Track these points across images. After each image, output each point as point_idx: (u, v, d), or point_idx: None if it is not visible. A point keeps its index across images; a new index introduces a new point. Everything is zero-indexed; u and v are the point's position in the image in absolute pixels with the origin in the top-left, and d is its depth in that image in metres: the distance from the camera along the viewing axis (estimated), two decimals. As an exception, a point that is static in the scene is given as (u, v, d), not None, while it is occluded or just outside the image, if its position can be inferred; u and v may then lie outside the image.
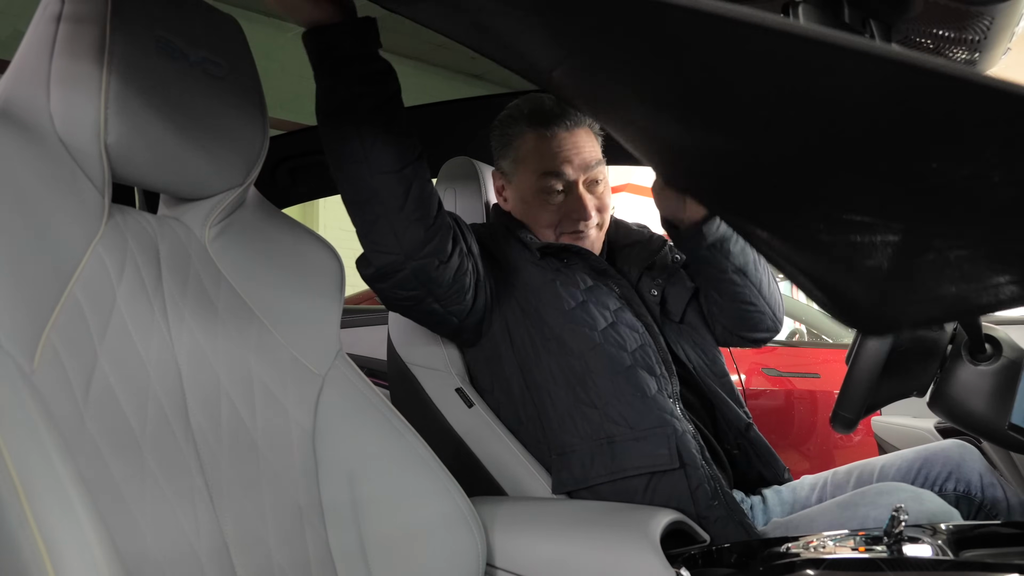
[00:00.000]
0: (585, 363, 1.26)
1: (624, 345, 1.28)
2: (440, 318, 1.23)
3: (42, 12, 0.82)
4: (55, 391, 0.68)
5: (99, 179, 0.80)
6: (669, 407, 1.24)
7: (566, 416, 1.25)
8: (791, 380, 2.80)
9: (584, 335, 1.27)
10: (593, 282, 1.35)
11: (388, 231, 1.08)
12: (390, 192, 1.07)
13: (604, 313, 1.31)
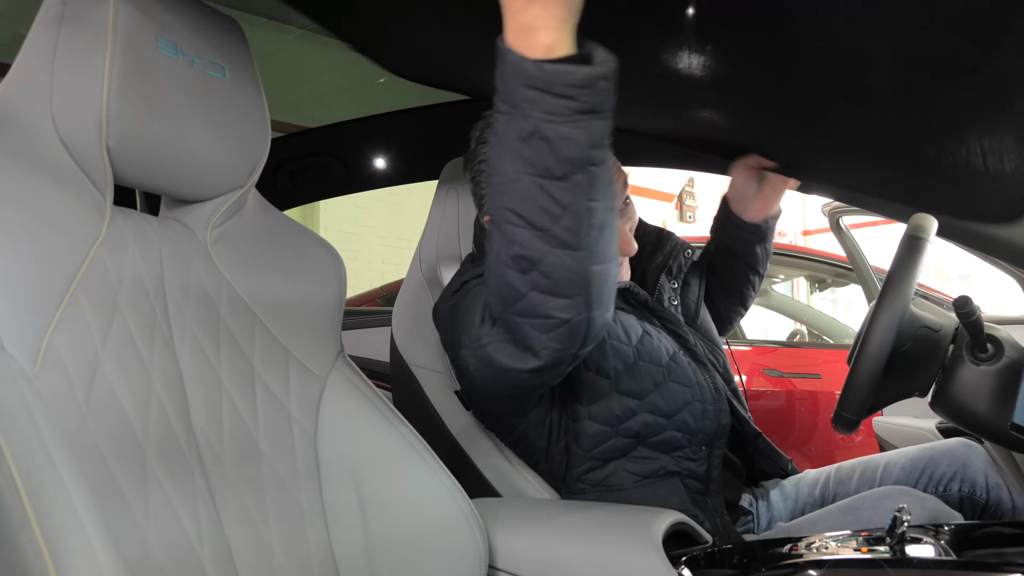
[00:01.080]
0: (616, 431, 1.20)
1: (668, 410, 1.21)
2: (533, 395, 1.13)
3: (44, 15, 0.82)
4: (57, 393, 0.68)
5: (101, 181, 0.80)
6: (685, 463, 1.22)
7: (578, 467, 1.23)
8: (792, 381, 2.80)
9: (629, 404, 1.20)
10: (642, 329, 1.27)
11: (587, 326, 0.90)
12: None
13: (656, 372, 1.22)
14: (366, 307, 3.36)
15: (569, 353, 0.93)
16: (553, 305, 0.86)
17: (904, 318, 1.09)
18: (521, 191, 0.78)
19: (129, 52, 0.80)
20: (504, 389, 1.08)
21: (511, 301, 0.88)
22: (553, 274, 0.83)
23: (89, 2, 0.80)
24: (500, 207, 0.82)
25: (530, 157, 0.76)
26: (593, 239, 0.82)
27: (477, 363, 1.03)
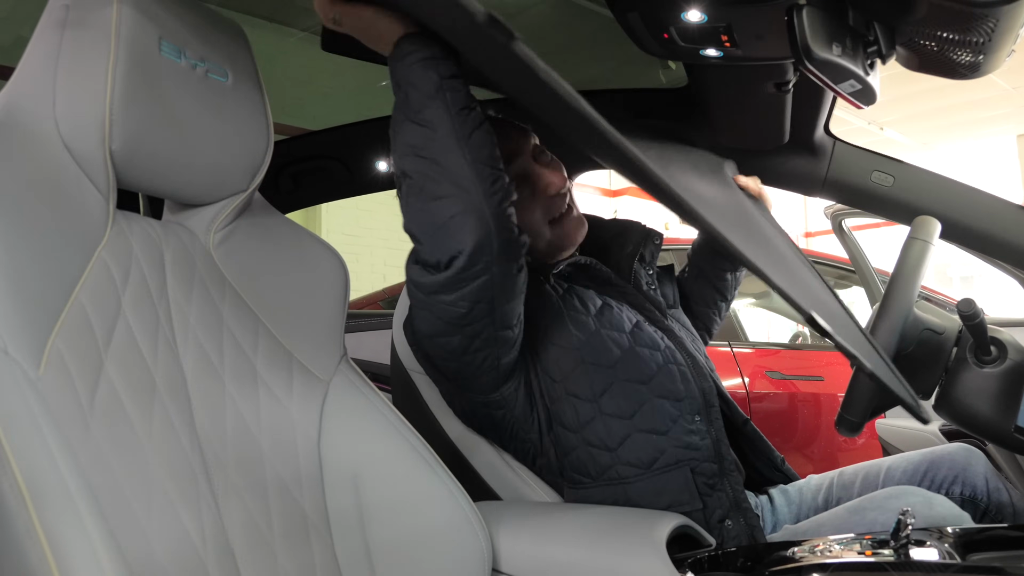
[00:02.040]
0: (598, 406, 1.21)
1: (642, 374, 1.23)
2: (485, 353, 1.14)
3: (47, 18, 0.82)
4: (61, 397, 0.68)
5: (104, 185, 0.80)
6: (689, 438, 1.22)
7: (572, 453, 1.22)
8: (794, 383, 2.80)
9: (600, 374, 1.22)
10: (602, 301, 1.31)
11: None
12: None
13: (620, 338, 1.26)
14: (368, 310, 3.36)
15: (482, 254, 1.00)
16: (450, 204, 0.98)
17: (908, 321, 1.09)
18: (403, 132, 1.00)
19: (132, 56, 0.80)
20: (443, 342, 1.11)
21: (421, 222, 1.01)
22: (439, 177, 0.98)
23: (92, 5, 0.80)
24: (395, 155, 1.01)
25: (404, 107, 0.99)
26: (463, 144, 0.98)
27: (417, 321, 1.11)
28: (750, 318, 4.04)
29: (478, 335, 1.09)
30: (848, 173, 1.53)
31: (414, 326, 1.14)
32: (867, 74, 1.00)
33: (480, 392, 1.20)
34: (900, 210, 1.50)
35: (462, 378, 1.18)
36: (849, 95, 1.03)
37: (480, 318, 1.07)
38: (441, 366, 1.18)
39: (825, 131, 1.52)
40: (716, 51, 1.07)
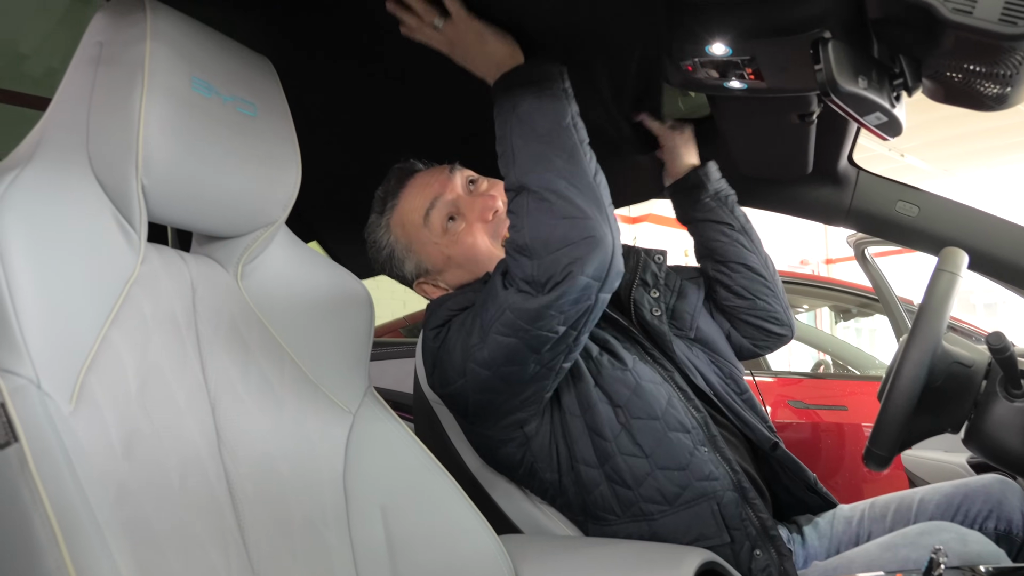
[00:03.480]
0: (616, 445, 1.20)
1: (652, 411, 1.22)
2: (540, 384, 1.14)
3: (81, 55, 0.83)
4: (92, 432, 0.68)
5: (135, 219, 0.81)
6: (707, 468, 1.20)
7: (595, 491, 1.21)
8: (818, 412, 2.77)
9: (607, 414, 1.21)
10: (603, 337, 1.29)
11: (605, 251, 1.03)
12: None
13: (626, 377, 1.24)
14: (390, 338, 3.37)
15: (596, 281, 1.02)
16: (582, 225, 1.01)
17: (936, 354, 1.08)
18: (531, 151, 1.03)
19: (164, 92, 0.81)
20: (516, 369, 1.10)
21: (547, 238, 1.01)
22: (573, 197, 1.01)
23: (125, 42, 0.81)
24: (517, 171, 1.04)
25: (531, 127, 1.04)
26: (592, 174, 1.04)
27: (492, 347, 1.09)
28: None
29: (549, 363, 1.10)
30: (872, 203, 1.53)
31: (482, 356, 1.10)
32: (893, 106, 0.99)
33: (504, 429, 1.20)
34: (925, 240, 1.49)
35: (496, 415, 1.18)
36: (875, 127, 1.03)
37: (562, 343, 1.08)
38: (483, 402, 1.16)
39: (849, 161, 1.52)
40: (740, 83, 1.07)
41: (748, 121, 1.36)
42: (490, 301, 1.09)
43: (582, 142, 1.05)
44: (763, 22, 0.92)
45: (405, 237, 1.31)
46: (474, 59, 1.07)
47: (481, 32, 1.05)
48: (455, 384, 1.16)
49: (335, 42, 1.19)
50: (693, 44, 1.00)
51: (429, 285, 1.34)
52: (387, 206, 1.32)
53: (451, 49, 1.07)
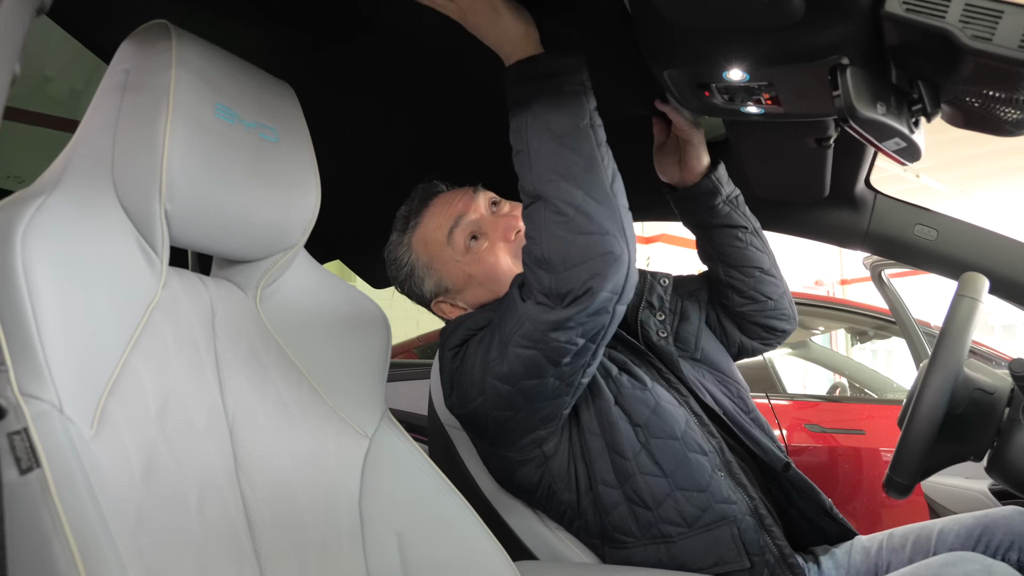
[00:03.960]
0: (635, 464, 1.19)
1: (672, 431, 1.22)
2: (558, 401, 1.14)
3: (107, 82, 0.84)
4: (112, 457, 0.69)
5: (157, 244, 0.82)
6: (725, 492, 1.20)
7: (614, 511, 1.20)
8: (835, 437, 2.74)
9: (628, 432, 1.21)
10: (620, 358, 1.30)
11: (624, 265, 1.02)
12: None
13: (646, 396, 1.24)
14: (404, 359, 3.37)
15: (614, 296, 1.02)
16: (600, 242, 1.00)
17: (957, 380, 1.07)
18: (547, 153, 1.00)
19: (188, 119, 0.82)
20: (536, 383, 1.09)
21: (564, 253, 1.00)
22: (591, 212, 0.99)
23: (151, 70, 0.82)
24: (533, 177, 1.02)
25: (547, 125, 1.00)
26: (610, 181, 1.02)
27: (512, 360, 1.08)
28: (786, 367, 3.99)
29: (568, 377, 1.09)
30: (890, 227, 1.52)
31: (502, 370, 1.10)
32: (912, 131, 0.99)
33: (522, 449, 1.19)
34: (944, 264, 1.48)
35: (514, 433, 1.18)
36: (894, 152, 1.03)
37: (580, 357, 1.07)
38: (501, 420, 1.15)
39: (866, 184, 1.51)
40: (757, 108, 1.07)
41: (764, 144, 1.36)
42: (508, 314, 1.09)
43: (600, 144, 1.02)
44: (781, 49, 0.92)
45: (427, 255, 1.32)
46: (486, 33, 1.02)
47: (494, 6, 0.99)
48: (475, 402, 1.15)
49: (357, 67, 1.20)
50: (710, 70, 1.00)
51: (447, 304, 1.34)
52: (409, 224, 1.33)
53: (463, 18, 1.01)
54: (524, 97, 1.02)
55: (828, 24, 0.87)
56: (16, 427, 0.59)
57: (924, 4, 0.84)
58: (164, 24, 0.85)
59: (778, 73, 0.98)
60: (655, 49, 1.02)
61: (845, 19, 0.86)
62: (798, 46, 0.91)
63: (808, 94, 1.01)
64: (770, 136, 1.31)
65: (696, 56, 0.98)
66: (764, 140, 1.34)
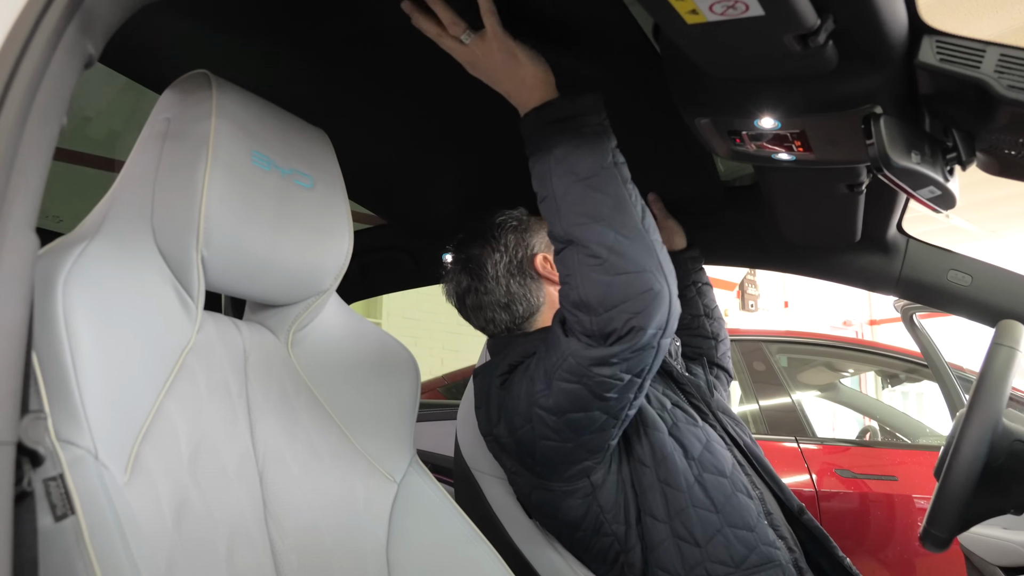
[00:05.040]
0: (688, 497, 1.18)
1: (722, 469, 1.21)
2: (606, 433, 1.13)
3: (149, 130, 0.86)
4: (144, 502, 0.69)
5: (193, 289, 0.83)
6: (770, 535, 1.18)
7: (660, 547, 1.17)
8: (866, 483, 2.68)
9: (682, 465, 1.20)
10: (669, 393, 1.31)
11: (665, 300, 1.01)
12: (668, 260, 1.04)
13: (697, 432, 1.24)
14: (429, 399, 3.36)
15: (659, 331, 1.01)
16: (637, 280, 0.99)
17: (996, 431, 1.05)
18: (575, 196, 1.00)
19: (226, 166, 0.84)
20: (582, 416, 1.08)
21: (603, 296, 1.00)
22: (626, 251, 0.99)
23: (192, 119, 0.84)
24: (564, 222, 1.01)
25: (571, 168, 0.99)
26: (640, 217, 1.01)
27: (557, 394, 1.07)
28: (815, 409, 3.93)
29: (612, 410, 1.09)
30: (923, 272, 1.50)
31: (548, 403, 1.09)
32: (947, 180, 0.98)
33: (570, 480, 1.18)
34: (979, 311, 1.45)
35: (564, 463, 1.16)
36: (928, 200, 1.02)
37: (627, 391, 1.07)
38: (548, 450, 1.14)
39: (898, 229, 1.50)
40: (788, 155, 1.07)
41: (795, 190, 1.36)
42: (553, 348, 1.08)
43: (626, 182, 1.02)
44: (813, 98, 0.92)
45: (544, 272, 1.33)
46: (500, 80, 1.01)
47: (514, 52, 0.98)
48: (522, 430, 1.14)
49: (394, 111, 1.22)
50: (742, 118, 1.00)
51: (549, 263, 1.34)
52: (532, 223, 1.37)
53: (474, 65, 1.00)
54: (545, 143, 1.01)
55: (861, 73, 0.87)
56: (52, 473, 0.59)
57: (958, 54, 0.83)
58: (205, 74, 0.87)
59: (810, 121, 0.98)
60: (687, 97, 1.02)
61: (878, 69, 0.86)
62: (831, 95, 0.91)
63: (841, 142, 1.01)
64: (801, 181, 1.31)
65: (728, 104, 0.99)
66: (794, 185, 1.33)
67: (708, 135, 1.08)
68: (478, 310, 1.35)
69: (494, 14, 0.95)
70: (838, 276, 1.59)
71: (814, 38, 0.75)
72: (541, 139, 1.02)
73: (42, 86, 0.55)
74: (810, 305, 8.55)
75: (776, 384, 3.10)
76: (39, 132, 0.54)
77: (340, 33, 1.01)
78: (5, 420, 0.47)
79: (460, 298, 1.37)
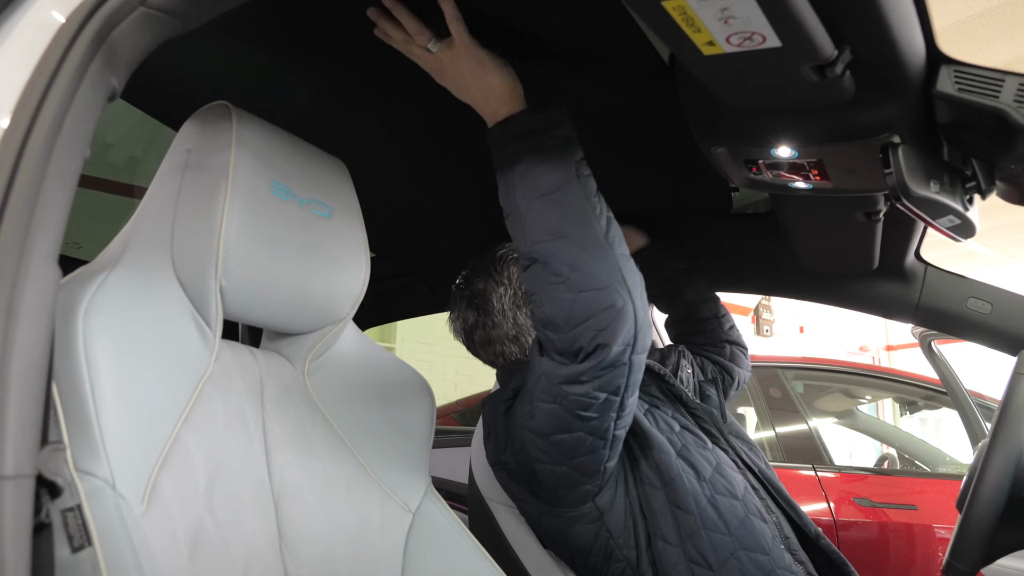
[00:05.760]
0: (700, 519, 1.17)
1: (734, 491, 1.20)
2: (596, 454, 1.12)
3: (170, 161, 0.87)
4: (160, 533, 0.69)
5: (212, 318, 0.83)
6: (787, 559, 1.16)
7: (672, 571, 1.16)
8: (885, 512, 2.65)
9: (692, 486, 1.19)
10: (680, 417, 1.30)
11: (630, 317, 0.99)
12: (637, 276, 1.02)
13: (707, 455, 1.23)
14: (444, 425, 3.35)
15: (626, 347, 0.99)
16: (599, 297, 0.97)
17: (1020, 462, 1.03)
18: (536, 212, 0.98)
19: (245, 196, 0.84)
20: (566, 438, 1.08)
21: (567, 314, 0.99)
22: (587, 268, 0.97)
23: (211, 150, 0.85)
24: (527, 239, 0.99)
25: (532, 184, 0.98)
26: (604, 231, 0.99)
27: (539, 415, 1.07)
28: (832, 437, 3.89)
29: (596, 430, 1.07)
30: (942, 300, 1.49)
31: (530, 427, 1.10)
32: (966, 209, 0.98)
33: (574, 504, 1.17)
34: (1000, 339, 1.44)
35: (563, 488, 1.15)
36: (947, 229, 1.01)
37: (606, 410, 1.05)
38: (545, 474, 1.14)
39: (916, 257, 1.49)
40: (805, 184, 1.07)
41: (812, 217, 1.35)
42: (531, 369, 1.08)
43: (589, 195, 0.99)
44: (831, 127, 0.92)
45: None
46: (468, 88, 0.99)
47: (482, 59, 0.96)
48: (521, 454, 1.14)
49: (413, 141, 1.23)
50: (758, 147, 1.00)
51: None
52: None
53: (440, 73, 0.98)
54: (508, 158, 1.00)
55: (879, 103, 0.86)
56: (70, 504, 0.59)
57: (977, 83, 0.83)
58: (225, 105, 0.88)
59: (828, 150, 0.98)
60: (703, 126, 1.02)
61: (896, 98, 0.86)
62: (849, 125, 0.90)
63: (858, 171, 1.00)
64: (818, 209, 1.30)
65: (745, 134, 0.99)
66: (811, 213, 1.33)
67: (724, 164, 1.08)
68: (487, 344, 1.35)
69: (460, 21, 0.93)
70: (856, 304, 1.58)
71: (831, 69, 0.75)
72: (504, 154, 1.00)
73: (67, 120, 0.56)
74: (826, 330, 8.49)
75: (793, 411, 3.08)
76: (63, 165, 0.55)
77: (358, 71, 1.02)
78: (25, 453, 0.48)
79: (468, 334, 1.37)
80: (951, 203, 0.95)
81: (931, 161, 0.94)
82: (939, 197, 0.93)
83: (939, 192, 0.93)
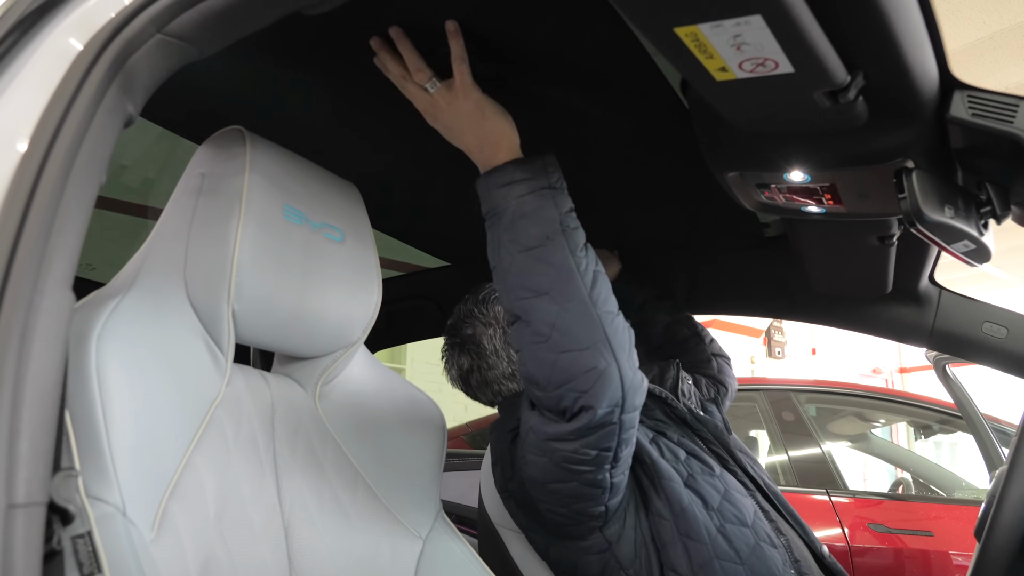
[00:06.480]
0: (712, 549, 1.15)
1: (743, 518, 1.18)
2: (596, 500, 1.10)
3: (184, 185, 0.88)
4: (170, 560, 0.68)
5: (223, 342, 0.83)
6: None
7: None
8: (901, 538, 2.61)
9: (702, 516, 1.17)
10: (685, 441, 1.29)
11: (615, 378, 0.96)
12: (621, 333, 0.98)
13: (715, 482, 1.22)
14: (455, 448, 3.33)
15: (614, 408, 0.97)
16: (581, 358, 0.94)
17: (1040, 491, 1.01)
18: (519, 268, 0.95)
19: (258, 221, 0.85)
20: (560, 487, 1.07)
21: (548, 374, 0.96)
22: (569, 327, 0.94)
23: (225, 174, 0.85)
24: (510, 296, 0.97)
25: (515, 238, 0.95)
26: (588, 289, 0.95)
27: (530, 466, 1.06)
28: (846, 461, 3.85)
29: (593, 481, 1.06)
30: (956, 324, 1.48)
31: (525, 474, 1.09)
32: (981, 234, 0.97)
33: (581, 537, 1.16)
34: (1016, 363, 1.42)
35: (567, 525, 1.14)
36: (962, 254, 1.00)
37: (599, 464, 1.03)
38: (547, 513, 1.13)
39: (930, 280, 1.48)
40: (818, 208, 1.06)
41: (825, 241, 1.35)
42: (523, 421, 1.07)
43: (574, 250, 0.96)
44: (844, 152, 0.92)
45: None
46: (462, 133, 0.96)
47: (481, 105, 0.93)
48: (524, 487, 1.14)
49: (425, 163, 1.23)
50: (771, 172, 1.00)
51: None
52: None
53: (434, 116, 0.95)
54: (494, 209, 0.97)
55: (892, 129, 0.86)
56: (81, 531, 0.59)
57: (991, 108, 0.83)
58: (239, 130, 0.89)
59: (841, 175, 0.97)
60: (716, 151, 1.02)
61: (909, 124, 0.85)
62: (862, 150, 0.90)
63: (872, 195, 1.00)
64: (831, 233, 1.30)
65: (757, 159, 0.99)
66: (824, 237, 1.32)
67: (737, 188, 1.08)
68: (484, 386, 1.34)
69: (465, 61, 0.90)
70: (869, 328, 1.57)
71: (844, 94, 0.75)
72: (488, 204, 0.98)
73: (83, 146, 0.56)
74: (838, 352, 8.43)
75: (806, 435, 3.05)
76: (79, 191, 0.55)
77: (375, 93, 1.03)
78: (37, 481, 0.47)
79: (464, 379, 1.37)
80: (966, 228, 0.94)
81: (945, 186, 0.94)
82: (954, 222, 0.92)
83: (954, 217, 0.93)
